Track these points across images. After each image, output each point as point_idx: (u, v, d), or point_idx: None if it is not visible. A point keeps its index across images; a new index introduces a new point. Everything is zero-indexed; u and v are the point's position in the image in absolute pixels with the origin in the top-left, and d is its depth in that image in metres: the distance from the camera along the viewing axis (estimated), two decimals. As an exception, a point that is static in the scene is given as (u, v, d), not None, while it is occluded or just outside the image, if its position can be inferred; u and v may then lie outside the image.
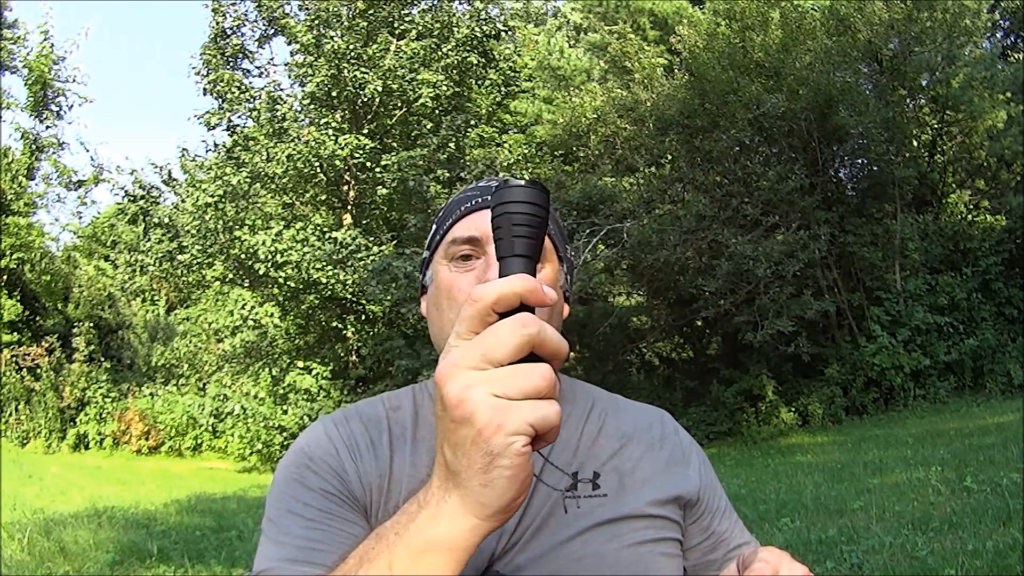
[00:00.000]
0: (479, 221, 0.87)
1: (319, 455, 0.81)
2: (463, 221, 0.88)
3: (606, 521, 0.82)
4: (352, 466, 0.80)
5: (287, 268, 11.99)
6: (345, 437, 0.83)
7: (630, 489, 0.86)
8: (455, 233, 0.88)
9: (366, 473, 0.80)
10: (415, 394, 0.92)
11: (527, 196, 0.54)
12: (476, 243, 0.86)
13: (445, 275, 0.88)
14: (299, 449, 0.83)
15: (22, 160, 17.57)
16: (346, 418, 0.87)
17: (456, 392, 0.50)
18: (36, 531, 5.64)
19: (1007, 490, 4.64)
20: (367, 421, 0.86)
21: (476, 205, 0.89)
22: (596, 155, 14.34)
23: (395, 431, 0.86)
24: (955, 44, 11.81)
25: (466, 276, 0.86)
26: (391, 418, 0.87)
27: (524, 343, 0.51)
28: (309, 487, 0.78)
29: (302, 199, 14.25)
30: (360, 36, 13.11)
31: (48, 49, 17.15)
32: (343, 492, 0.78)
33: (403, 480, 0.81)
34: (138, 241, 18.05)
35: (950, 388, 10.73)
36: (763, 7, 12.37)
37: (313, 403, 12.79)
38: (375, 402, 0.90)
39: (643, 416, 0.96)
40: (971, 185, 13.54)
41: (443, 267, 0.89)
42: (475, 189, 0.92)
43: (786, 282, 10.97)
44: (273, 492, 0.80)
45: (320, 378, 12.97)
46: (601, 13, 17.52)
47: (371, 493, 0.80)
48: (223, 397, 14.32)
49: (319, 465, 0.80)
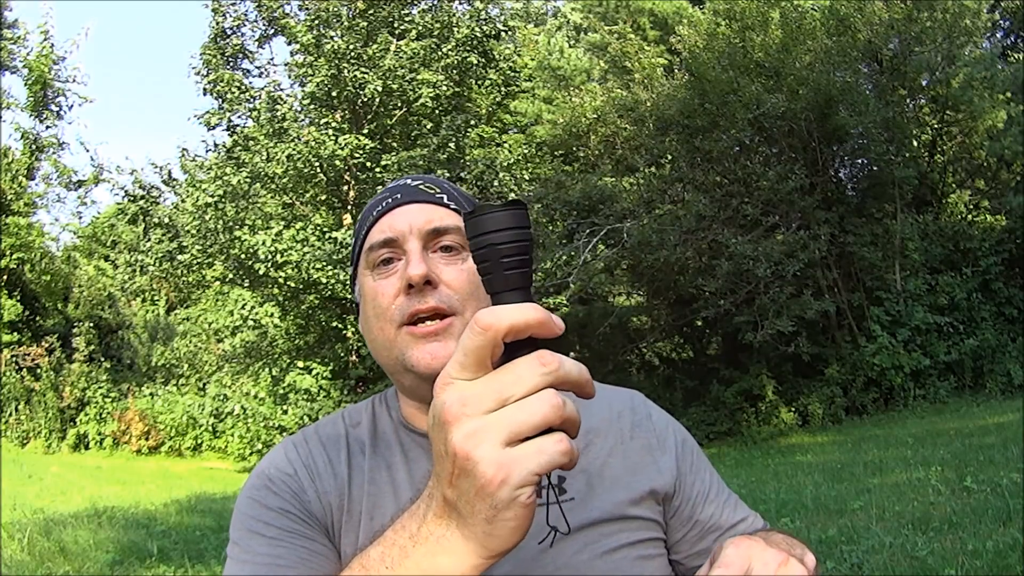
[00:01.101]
0: (392, 221, 0.84)
1: (278, 476, 0.82)
2: (376, 226, 0.86)
3: (576, 528, 0.79)
4: (311, 486, 0.81)
5: (287, 268, 11.97)
6: (304, 458, 0.84)
7: (599, 490, 0.82)
8: (371, 240, 0.85)
9: (324, 492, 0.81)
10: (374, 407, 0.91)
11: (510, 221, 0.48)
12: (393, 244, 0.83)
13: (369, 285, 0.85)
14: (260, 472, 0.84)
15: (22, 160, 17.57)
16: (305, 440, 0.87)
17: (461, 442, 0.47)
18: (36, 531, 5.64)
19: (1007, 490, 4.64)
20: (326, 441, 0.86)
21: (387, 207, 0.86)
22: (596, 155, 14.34)
23: (353, 448, 0.86)
24: (955, 44, 11.81)
25: (389, 280, 0.83)
26: (350, 435, 0.87)
27: (546, 384, 0.47)
28: (269, 507, 0.79)
29: (302, 199, 14.24)
30: (360, 36, 13.10)
31: (48, 49, 17.15)
32: (302, 511, 0.79)
33: (362, 497, 0.81)
34: (138, 241, 18.04)
35: (950, 388, 10.73)
36: (763, 7, 12.37)
37: (313, 403, 12.80)
38: (336, 419, 0.90)
39: (612, 404, 0.91)
40: (971, 185, 13.54)
41: (367, 277, 0.86)
42: (385, 191, 0.90)
43: (786, 282, 10.97)
44: (236, 515, 0.81)
45: (320, 378, 12.97)
46: (601, 13, 17.52)
47: (331, 512, 0.80)
48: (223, 397, 14.32)
49: (278, 486, 0.80)
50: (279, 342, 13.49)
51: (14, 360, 15.84)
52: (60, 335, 16.63)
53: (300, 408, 12.74)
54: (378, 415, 0.89)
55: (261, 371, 13.72)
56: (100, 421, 15.86)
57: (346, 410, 0.92)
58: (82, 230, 20.67)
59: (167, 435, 15.80)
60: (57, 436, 15.60)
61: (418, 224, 0.83)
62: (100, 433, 15.77)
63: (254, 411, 13.12)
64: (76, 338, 16.49)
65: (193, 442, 15.77)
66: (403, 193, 0.87)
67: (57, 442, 15.54)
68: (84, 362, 16.21)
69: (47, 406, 15.57)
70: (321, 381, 12.97)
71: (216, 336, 14.63)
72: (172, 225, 14.43)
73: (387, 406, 0.90)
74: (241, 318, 13.35)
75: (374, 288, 0.84)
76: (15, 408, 15.56)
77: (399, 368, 0.82)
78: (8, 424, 15.44)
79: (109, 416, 15.82)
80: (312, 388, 12.87)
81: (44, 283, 17.36)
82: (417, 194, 0.87)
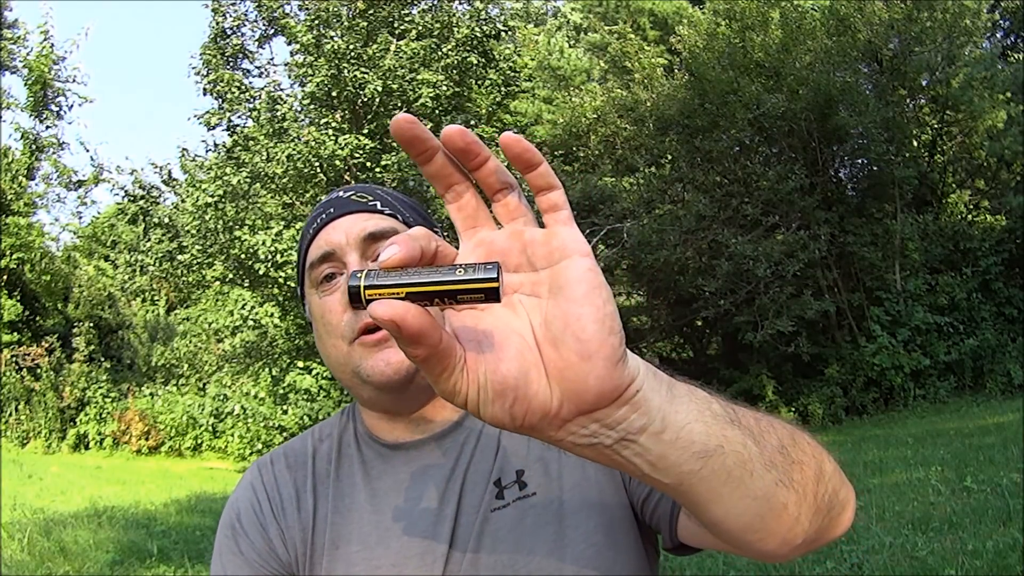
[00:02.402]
0: (328, 236, 0.83)
1: (246, 510, 0.84)
2: (314, 242, 0.85)
3: (543, 525, 0.77)
4: (275, 527, 0.83)
5: (287, 268, 11.97)
6: (269, 489, 0.85)
7: (556, 478, 0.80)
8: (310, 257, 0.84)
9: (289, 528, 0.82)
10: (341, 420, 0.91)
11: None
12: (332, 258, 0.82)
13: (316, 303, 0.84)
14: (230, 505, 0.86)
15: (22, 160, 17.56)
16: (272, 462, 0.88)
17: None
18: (36, 531, 5.64)
19: (1007, 490, 4.64)
20: (292, 465, 0.87)
21: (321, 222, 0.85)
22: (596, 155, 14.34)
23: (319, 469, 0.86)
24: (955, 44, 11.80)
25: (335, 296, 0.82)
26: (317, 454, 0.88)
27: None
28: (241, 552, 0.82)
29: (302, 199, 14.23)
30: (360, 36, 13.10)
31: (48, 49, 17.14)
32: (270, 555, 0.82)
33: (326, 529, 0.82)
34: (138, 241, 18.05)
35: (950, 388, 10.73)
36: (763, 7, 12.37)
37: (313, 403, 12.80)
38: (305, 437, 0.91)
39: None
40: (971, 185, 13.53)
41: (313, 296, 0.85)
42: (319, 207, 0.89)
43: (786, 282, 10.98)
44: (213, 556, 0.85)
45: (320, 378, 12.97)
46: (601, 13, 17.53)
47: (295, 554, 0.82)
48: (223, 397, 14.32)
49: (247, 524, 0.83)
50: (279, 342, 13.49)
51: (14, 360, 15.83)
52: (60, 335, 16.63)
53: (300, 408, 12.75)
54: (344, 428, 0.90)
55: (261, 371, 13.73)
56: (100, 421, 15.86)
57: (319, 425, 0.93)
58: (82, 230, 20.67)
59: (167, 435, 15.79)
60: (57, 436, 15.60)
61: (353, 233, 0.82)
62: (100, 433, 15.77)
63: (254, 411, 13.12)
64: (76, 338, 16.49)
65: (193, 442, 15.76)
66: (336, 206, 0.86)
67: (57, 442, 15.54)
68: (84, 362, 16.21)
69: (47, 406, 15.57)
70: (321, 381, 12.97)
71: (216, 336, 14.62)
72: (172, 225, 14.44)
73: (352, 419, 0.90)
74: (241, 318, 13.35)
75: (321, 305, 0.83)
76: (15, 408, 15.56)
77: (356, 382, 0.82)
78: (8, 424, 15.44)
79: (109, 416, 15.82)
80: (312, 388, 12.88)
81: (44, 283, 17.35)
82: (349, 204, 0.86)
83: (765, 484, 0.51)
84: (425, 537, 0.78)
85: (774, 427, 0.56)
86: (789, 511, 0.53)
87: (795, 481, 0.53)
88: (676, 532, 0.76)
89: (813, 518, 0.56)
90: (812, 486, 0.55)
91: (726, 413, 0.51)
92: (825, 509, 0.57)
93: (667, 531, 0.77)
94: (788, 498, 0.53)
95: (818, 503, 0.56)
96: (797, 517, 0.54)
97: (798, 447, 0.56)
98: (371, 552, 0.79)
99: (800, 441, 0.58)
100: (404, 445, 0.85)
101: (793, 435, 0.57)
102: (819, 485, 0.56)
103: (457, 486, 0.80)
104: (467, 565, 0.76)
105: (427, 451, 0.84)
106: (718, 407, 0.50)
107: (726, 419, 0.50)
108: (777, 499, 0.52)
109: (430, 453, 0.84)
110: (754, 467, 0.50)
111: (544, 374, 0.42)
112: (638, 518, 0.81)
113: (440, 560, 0.77)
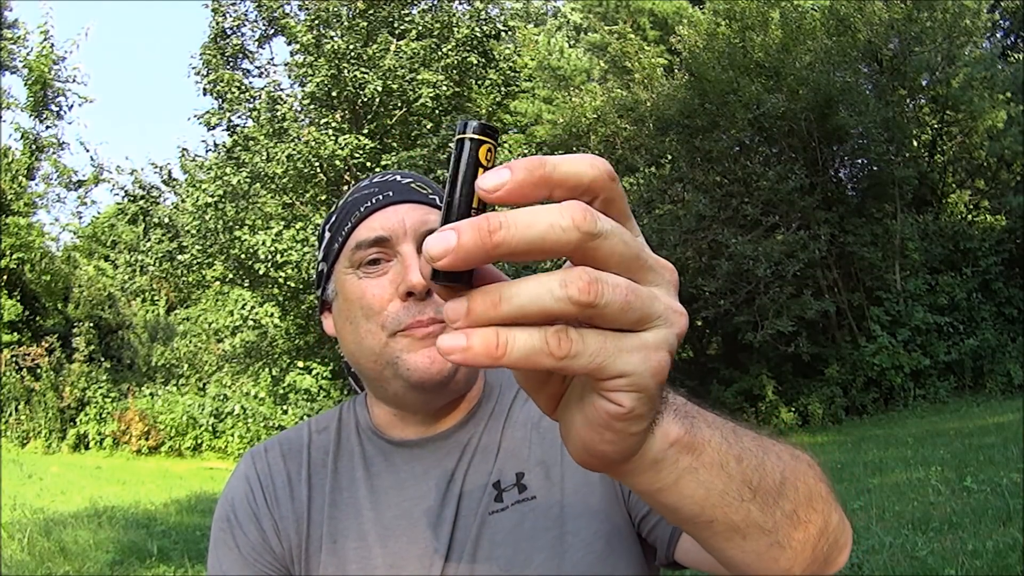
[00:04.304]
0: (384, 220, 0.79)
1: (240, 502, 0.83)
2: (366, 222, 0.80)
3: (542, 530, 0.76)
4: (268, 518, 0.82)
5: (287, 268, 11.98)
6: (263, 478, 0.84)
7: (557, 482, 0.78)
8: (359, 236, 0.79)
9: (283, 519, 0.81)
10: (341, 414, 0.89)
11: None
12: (384, 244, 0.78)
13: (353, 283, 0.79)
14: (225, 498, 0.85)
15: (22, 160, 17.56)
16: (266, 450, 0.87)
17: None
18: (36, 531, 5.64)
19: (1007, 490, 4.64)
20: (287, 453, 0.86)
21: (378, 203, 0.80)
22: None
23: (315, 460, 0.84)
24: (955, 44, 11.81)
25: (379, 281, 0.78)
26: (313, 444, 0.86)
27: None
28: (237, 547, 0.81)
29: (302, 199, 14.24)
30: (360, 36, 13.11)
31: (48, 49, 17.14)
32: (264, 549, 0.81)
33: (323, 521, 0.81)
34: (138, 241, 18.05)
35: (950, 388, 10.73)
36: (763, 7, 12.38)
37: (313, 403, 12.80)
38: (301, 427, 0.89)
39: None
40: (971, 185, 13.53)
41: (349, 276, 0.80)
42: (371, 185, 0.84)
43: (786, 282, 10.98)
44: (209, 549, 0.84)
45: (320, 378, 12.98)
46: (601, 13, 17.52)
47: (290, 548, 0.81)
48: (223, 397, 14.32)
49: (242, 517, 0.82)
50: (279, 342, 13.50)
51: (14, 360, 15.84)
52: (60, 335, 16.62)
53: (300, 408, 12.75)
54: (345, 421, 0.88)
55: (261, 371, 13.73)
56: (100, 421, 15.86)
57: (316, 417, 0.91)
58: (82, 230, 20.67)
59: (167, 435, 15.79)
60: (57, 436, 15.60)
61: (413, 225, 0.78)
62: (100, 433, 15.76)
63: (254, 411, 13.12)
64: (76, 338, 16.48)
65: (193, 442, 15.75)
66: (394, 191, 0.82)
67: (57, 442, 15.54)
68: (84, 362, 16.20)
69: (47, 406, 15.56)
70: (321, 381, 12.98)
71: (216, 336, 14.63)
72: (172, 225, 14.45)
73: (355, 412, 0.88)
74: (241, 318, 13.36)
75: (360, 287, 0.78)
76: (15, 408, 15.56)
77: (389, 373, 0.78)
78: (8, 424, 15.44)
79: (109, 416, 15.81)
80: (312, 388, 12.88)
81: (44, 283, 17.35)
82: (410, 192, 0.82)
83: (758, 546, 0.48)
84: (424, 539, 0.78)
85: (796, 486, 0.50)
86: (780, 564, 0.50)
87: (794, 540, 0.50)
88: (673, 553, 0.74)
89: (808, 567, 0.53)
90: (813, 541, 0.52)
91: (742, 474, 0.44)
92: (822, 559, 0.54)
93: (663, 550, 0.75)
94: (780, 554, 0.49)
95: (815, 555, 0.53)
96: (789, 568, 0.51)
97: (811, 506, 0.52)
98: (369, 551, 0.79)
99: (815, 497, 0.53)
100: (408, 443, 0.84)
101: (811, 492, 0.52)
102: (820, 539, 0.53)
103: (457, 488, 0.80)
104: (464, 569, 0.76)
105: (429, 451, 0.83)
106: (735, 467, 0.44)
107: (737, 489, 0.44)
108: (769, 555, 0.49)
109: (432, 453, 0.83)
110: (748, 532, 0.46)
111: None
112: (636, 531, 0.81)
113: (438, 562, 0.76)
